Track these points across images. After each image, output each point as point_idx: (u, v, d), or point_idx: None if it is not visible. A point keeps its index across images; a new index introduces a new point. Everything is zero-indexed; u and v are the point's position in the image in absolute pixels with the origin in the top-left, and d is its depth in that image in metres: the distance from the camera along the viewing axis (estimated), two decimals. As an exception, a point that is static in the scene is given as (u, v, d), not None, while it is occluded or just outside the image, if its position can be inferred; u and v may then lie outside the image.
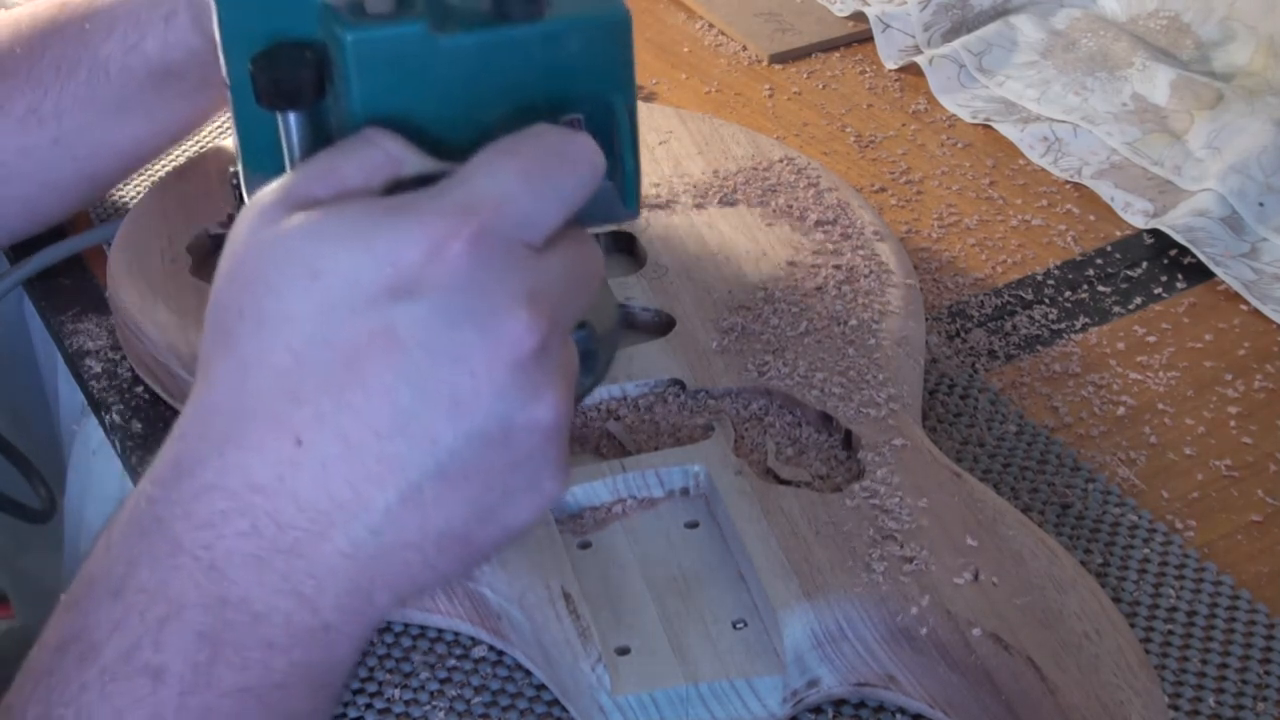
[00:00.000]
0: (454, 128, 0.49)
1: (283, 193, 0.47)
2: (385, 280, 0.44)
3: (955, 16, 0.99)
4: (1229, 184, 0.81)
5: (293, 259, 0.45)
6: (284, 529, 0.45)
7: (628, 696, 0.53)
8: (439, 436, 0.45)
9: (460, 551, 0.47)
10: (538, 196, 0.46)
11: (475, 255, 0.44)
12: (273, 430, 0.45)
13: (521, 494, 0.47)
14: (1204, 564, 0.62)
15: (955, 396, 0.70)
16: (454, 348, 0.44)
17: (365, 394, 0.44)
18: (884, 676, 0.55)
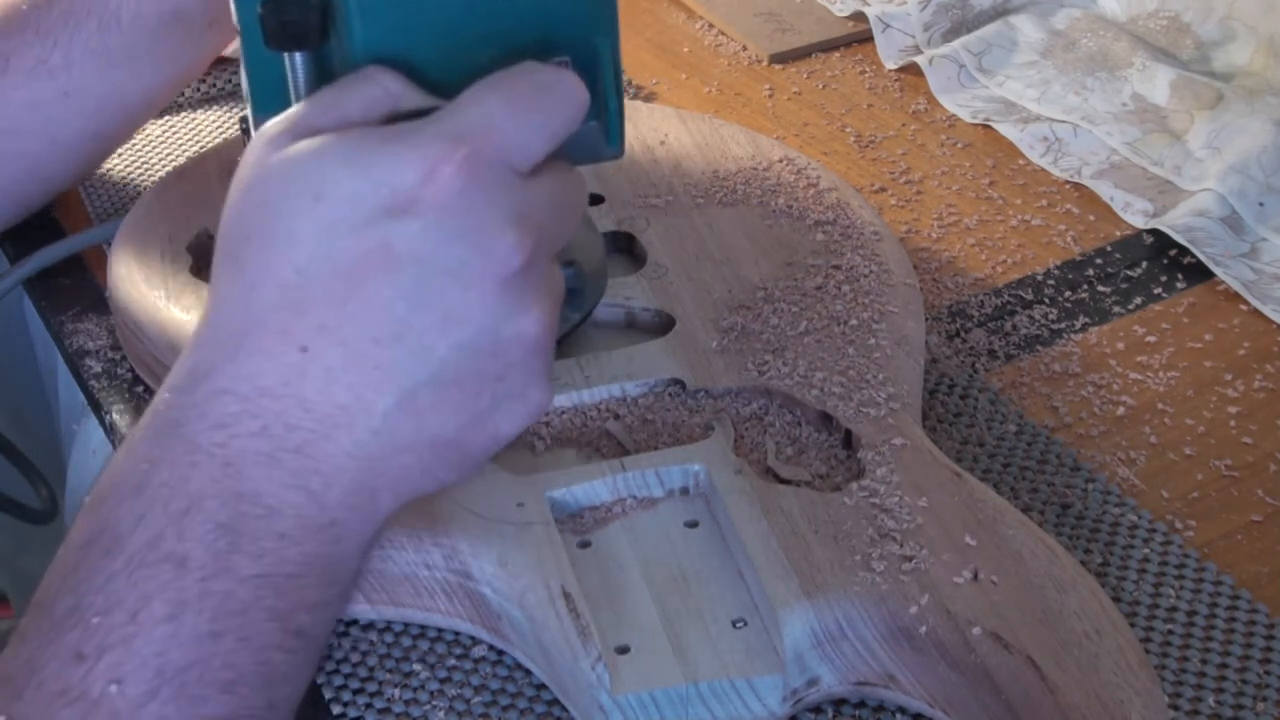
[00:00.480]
0: (447, 68, 0.52)
1: (288, 123, 0.50)
2: (383, 201, 0.48)
3: (955, 16, 0.99)
4: (1229, 184, 0.81)
5: (297, 182, 0.49)
6: (291, 430, 0.48)
7: (627, 696, 0.53)
8: (433, 345, 0.49)
9: (454, 456, 0.51)
10: (524, 126, 0.50)
11: (466, 178, 0.48)
12: (279, 339, 0.48)
13: (509, 402, 0.51)
14: (1204, 564, 0.62)
15: (955, 396, 0.70)
16: (447, 263, 0.48)
17: (365, 305, 0.48)
18: (884, 676, 0.55)
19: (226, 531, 0.48)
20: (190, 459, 0.48)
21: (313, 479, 0.49)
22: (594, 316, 0.70)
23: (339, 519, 0.49)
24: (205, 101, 0.94)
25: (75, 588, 0.47)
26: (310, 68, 0.54)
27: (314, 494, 0.49)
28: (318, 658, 0.51)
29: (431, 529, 0.58)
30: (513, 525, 0.58)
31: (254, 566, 0.48)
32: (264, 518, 0.48)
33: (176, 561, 0.47)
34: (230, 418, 0.48)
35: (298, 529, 0.49)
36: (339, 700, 0.57)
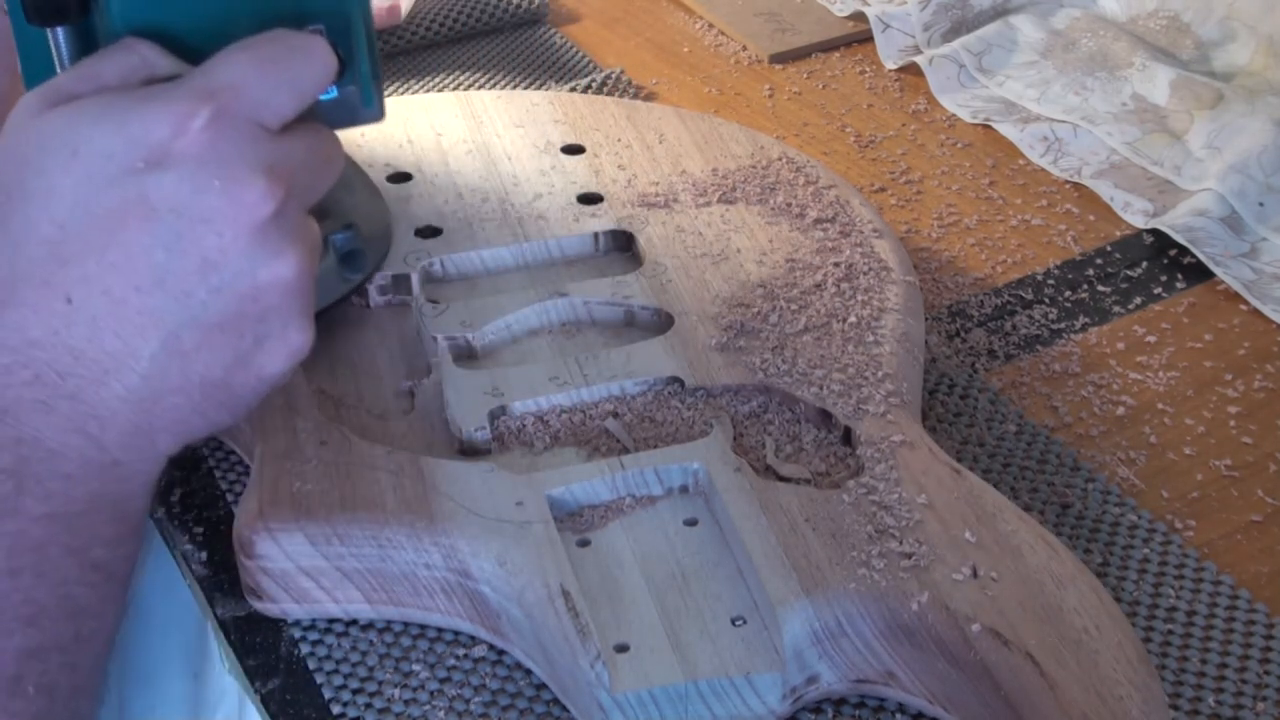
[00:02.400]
0: (205, 38, 0.55)
1: (47, 90, 0.53)
2: (137, 154, 0.51)
3: (955, 16, 0.99)
4: (1229, 184, 0.81)
5: (54, 140, 0.51)
6: (64, 377, 0.52)
7: (627, 694, 0.53)
8: (192, 290, 0.52)
9: (223, 396, 0.54)
10: (272, 85, 0.53)
11: (216, 131, 0.51)
12: (44, 291, 0.51)
13: (271, 343, 0.54)
14: (1204, 564, 0.62)
15: (955, 396, 0.70)
16: (201, 211, 0.51)
17: (125, 254, 0.51)
18: (883, 673, 0.55)
19: (11, 475, 0.50)
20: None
21: (89, 423, 0.52)
22: (593, 315, 0.70)
23: (120, 459, 0.53)
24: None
25: None
26: (73, 42, 0.56)
27: (92, 437, 0.52)
28: (122, 594, 0.55)
29: (430, 528, 0.58)
30: (512, 524, 0.58)
31: (43, 506, 0.51)
32: (46, 460, 0.51)
33: None
34: (2, 369, 0.51)
35: (81, 469, 0.52)
36: (339, 700, 0.57)
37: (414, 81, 0.96)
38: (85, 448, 0.52)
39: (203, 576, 0.63)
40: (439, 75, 0.97)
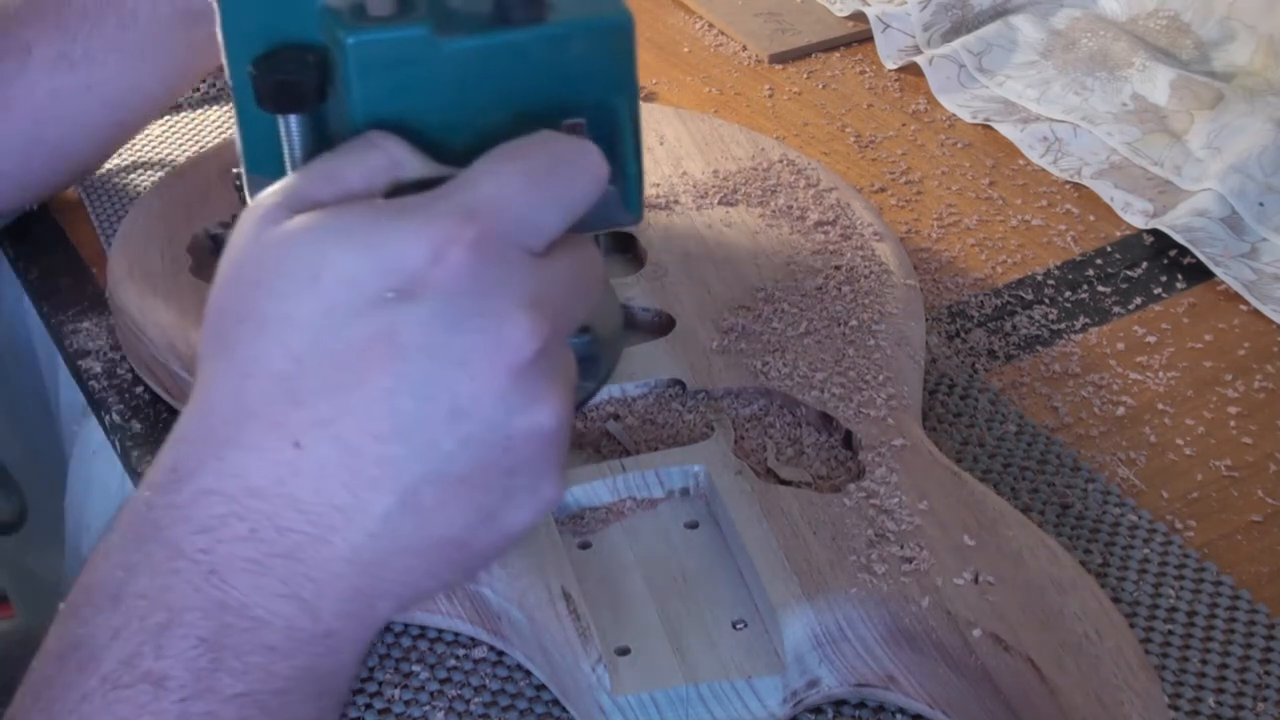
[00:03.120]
0: (455, 132, 0.49)
1: (283, 195, 0.47)
2: (386, 283, 0.44)
3: (955, 16, 0.99)
4: (1229, 184, 0.81)
5: (293, 261, 0.45)
6: (283, 533, 0.44)
7: (628, 697, 0.53)
8: (438, 441, 0.45)
9: (460, 557, 0.47)
10: (540, 202, 0.46)
11: (477, 259, 0.44)
12: (271, 434, 0.44)
13: (520, 498, 0.47)
14: (1204, 564, 0.62)
15: (955, 396, 0.70)
16: (455, 352, 0.44)
17: (365, 397, 0.44)
18: (884, 677, 0.55)
19: (210, 647, 0.44)
20: (171, 565, 0.44)
21: (305, 587, 0.45)
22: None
23: (334, 629, 0.46)
24: (205, 101, 0.94)
25: (47, 707, 0.44)
26: (306, 131, 0.50)
27: (306, 603, 0.45)
28: None
29: (432, 530, 0.58)
30: (513, 526, 0.58)
31: (238, 684, 0.44)
32: (251, 630, 0.44)
33: (154, 681, 0.43)
34: (216, 520, 0.44)
35: (288, 641, 0.45)
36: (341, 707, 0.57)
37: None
38: (296, 616, 0.45)
39: (204, 578, 0.63)
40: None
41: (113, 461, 0.73)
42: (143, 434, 0.70)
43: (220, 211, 0.76)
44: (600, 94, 0.51)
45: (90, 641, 0.44)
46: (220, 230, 0.75)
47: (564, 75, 0.50)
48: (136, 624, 0.44)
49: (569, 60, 0.50)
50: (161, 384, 0.71)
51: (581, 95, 0.51)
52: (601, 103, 0.51)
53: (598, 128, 0.51)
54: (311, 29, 0.50)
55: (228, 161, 0.80)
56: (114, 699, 0.43)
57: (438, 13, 0.49)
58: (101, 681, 0.43)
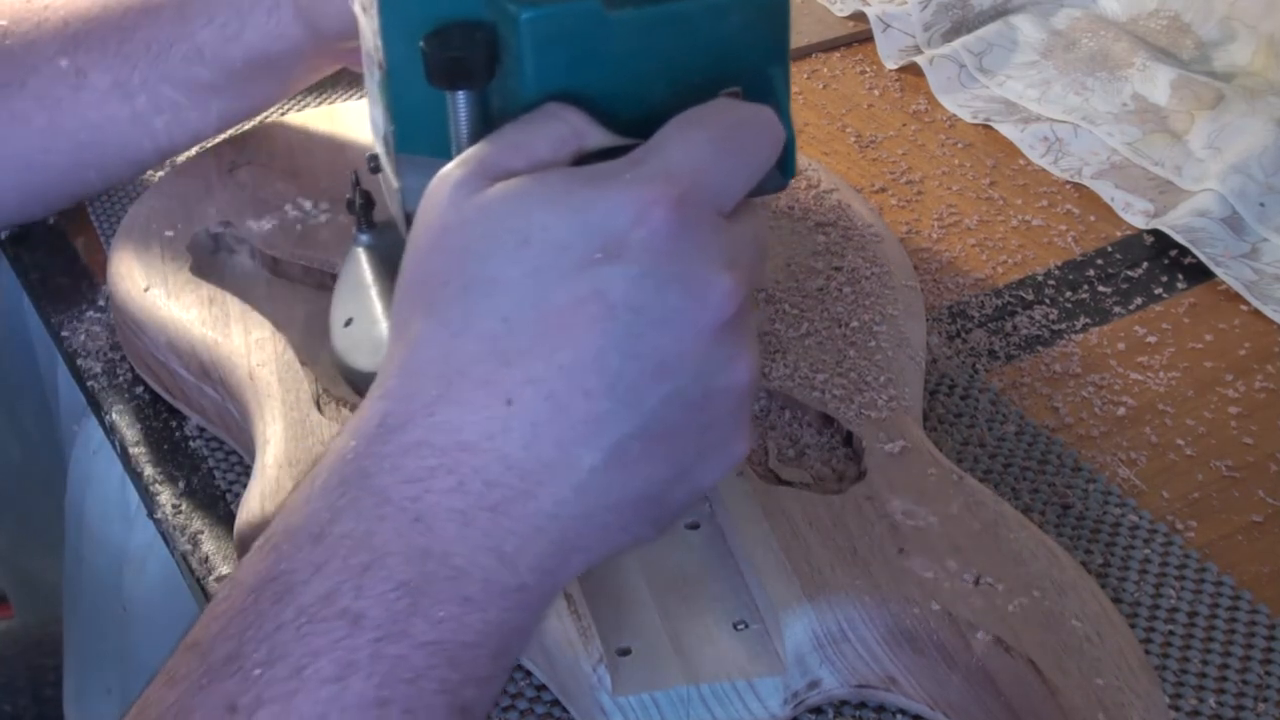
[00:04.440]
0: (620, 103, 0.50)
1: (476, 164, 0.48)
2: (593, 245, 0.46)
3: (955, 16, 0.99)
4: (1230, 184, 0.81)
5: (501, 226, 0.47)
6: (490, 487, 0.46)
7: (629, 697, 0.53)
8: (645, 397, 0.46)
9: (653, 512, 0.49)
10: (730, 167, 0.48)
11: (678, 221, 0.46)
12: (483, 392, 0.46)
13: (712, 454, 0.49)
14: (1205, 564, 0.62)
15: (955, 397, 0.70)
16: (661, 311, 0.46)
17: (575, 356, 0.46)
18: (885, 678, 0.55)
19: (408, 591, 0.45)
20: (378, 512, 0.45)
21: (507, 540, 0.46)
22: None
23: (527, 584, 0.47)
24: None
25: (238, 634, 0.44)
26: (474, 107, 0.51)
27: (506, 556, 0.46)
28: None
29: (432, 530, 0.58)
30: (513, 526, 0.58)
31: (431, 632, 0.45)
32: (450, 580, 0.45)
33: (351, 618, 0.44)
34: (425, 471, 0.46)
35: (484, 594, 0.46)
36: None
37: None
38: (495, 569, 0.46)
39: (203, 576, 0.63)
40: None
41: (113, 461, 0.73)
42: (143, 434, 0.70)
43: (220, 211, 0.76)
44: (757, 62, 0.52)
45: (289, 576, 0.45)
46: (221, 229, 0.75)
47: (724, 45, 0.51)
48: (339, 562, 0.45)
49: (729, 30, 0.51)
50: (161, 383, 0.71)
51: (740, 64, 0.52)
52: (758, 71, 0.52)
53: (754, 95, 0.52)
54: (475, 6, 0.50)
55: (228, 160, 0.80)
56: (308, 631, 0.44)
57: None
58: (298, 613, 0.44)
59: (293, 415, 0.63)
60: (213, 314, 0.69)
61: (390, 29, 0.53)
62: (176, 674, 0.45)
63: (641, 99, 0.50)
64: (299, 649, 0.44)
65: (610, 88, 0.50)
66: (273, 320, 0.68)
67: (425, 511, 0.45)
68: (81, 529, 0.84)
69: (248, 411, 0.64)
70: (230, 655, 0.44)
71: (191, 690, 0.44)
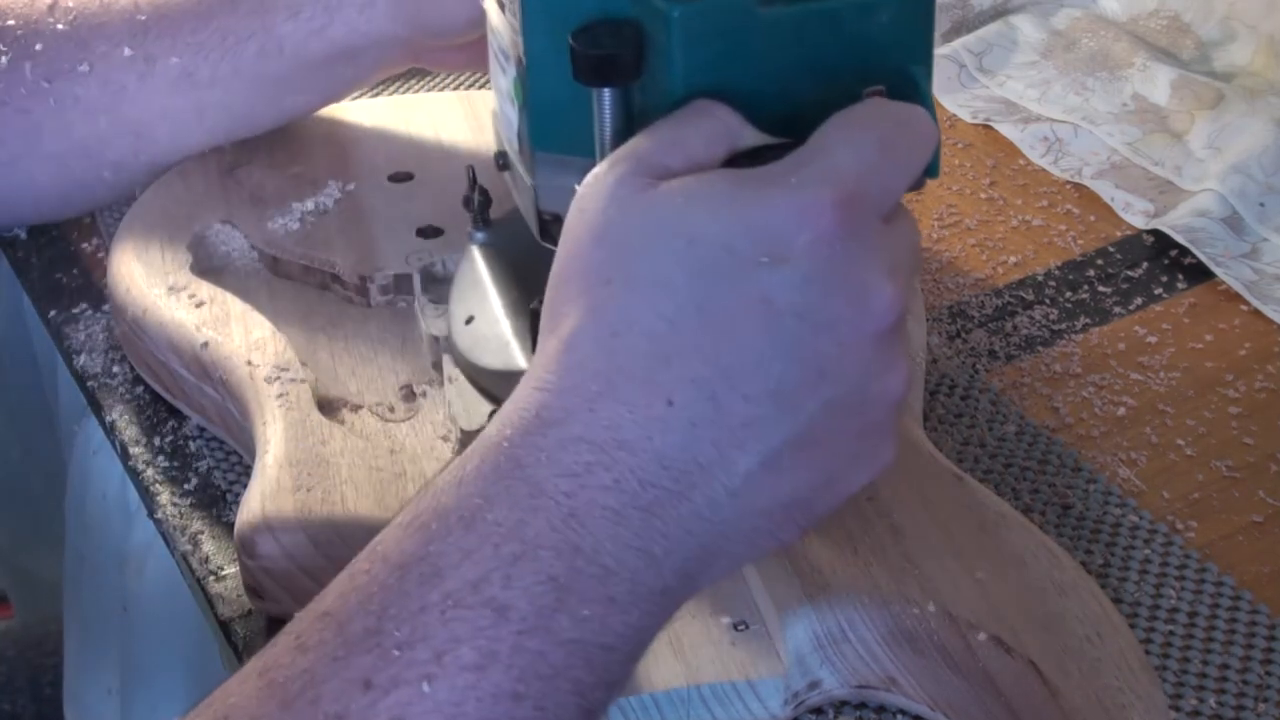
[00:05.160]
0: (768, 99, 0.50)
1: (636, 161, 0.48)
2: (759, 249, 0.45)
3: (955, 16, 0.99)
4: (1230, 184, 0.81)
5: (666, 226, 0.46)
6: (645, 486, 0.45)
7: (629, 698, 0.53)
8: (804, 403, 0.46)
9: (800, 517, 0.48)
10: (891, 169, 0.48)
11: (842, 226, 0.46)
12: (644, 390, 0.46)
13: (861, 461, 0.49)
14: (1205, 565, 0.62)
15: (956, 397, 0.70)
16: (825, 316, 0.46)
17: (738, 359, 0.45)
18: (885, 678, 0.55)
19: (556, 587, 0.44)
20: (532, 503, 0.45)
21: (656, 542, 0.45)
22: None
23: (671, 587, 0.46)
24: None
25: (379, 610, 0.44)
26: (619, 104, 0.51)
27: (654, 559, 0.45)
28: None
29: (432, 530, 0.58)
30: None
31: (574, 630, 0.44)
32: (598, 578, 0.45)
33: (498, 608, 0.44)
34: (582, 467, 0.45)
35: (629, 595, 0.45)
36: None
37: (415, 81, 0.96)
38: (642, 570, 0.45)
39: (203, 576, 0.63)
40: (440, 75, 0.97)
41: (113, 461, 0.73)
42: (143, 434, 0.70)
43: (220, 211, 0.76)
44: (901, 61, 0.52)
45: (438, 558, 0.45)
46: (221, 229, 0.75)
47: (869, 42, 0.51)
48: (490, 550, 0.44)
49: (875, 28, 0.51)
50: (161, 383, 0.71)
51: (884, 62, 0.51)
52: (901, 70, 0.52)
53: (897, 94, 0.51)
54: (619, 3, 0.50)
55: (228, 160, 0.79)
56: (453, 616, 0.43)
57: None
58: (444, 597, 0.44)
59: (293, 415, 0.63)
60: (213, 314, 0.69)
61: (533, 24, 0.53)
62: (308, 641, 0.44)
63: (788, 96, 0.50)
64: (442, 633, 0.43)
65: (758, 85, 0.50)
66: (273, 320, 0.68)
67: (579, 508, 0.45)
68: (81, 529, 0.84)
69: (248, 411, 0.64)
70: (370, 630, 0.44)
71: (324, 660, 0.44)
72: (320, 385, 0.66)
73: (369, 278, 0.71)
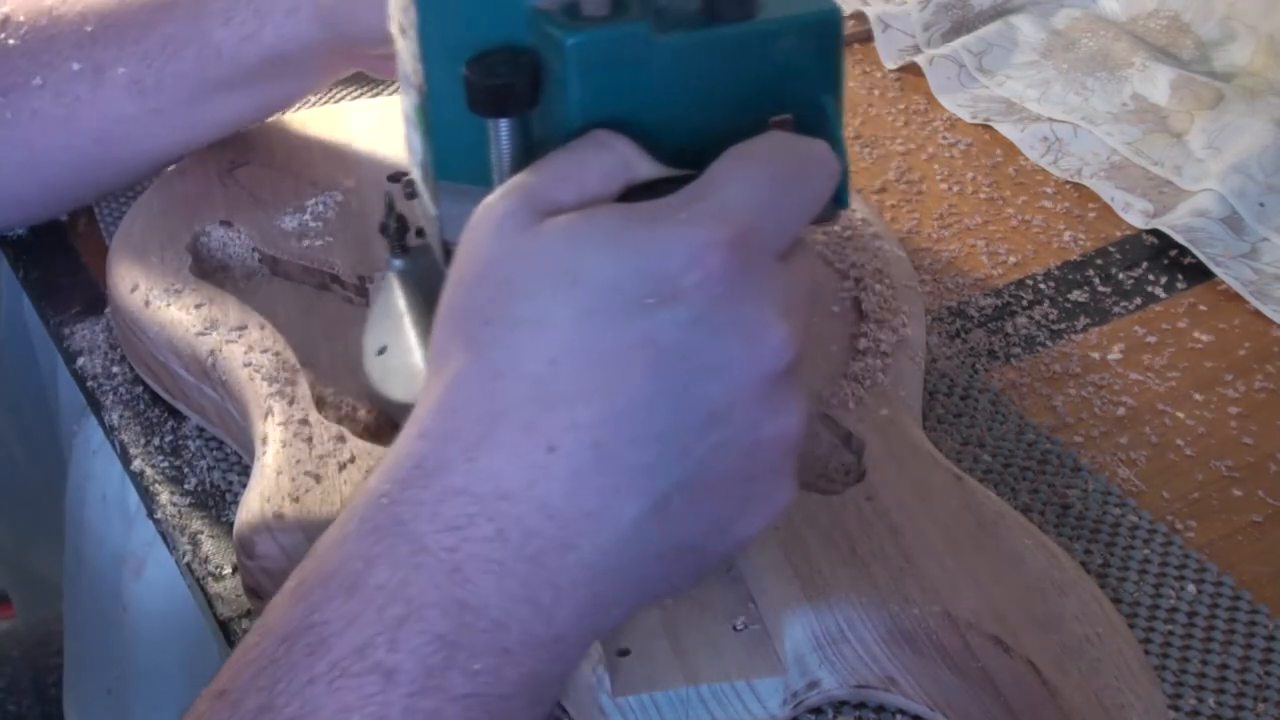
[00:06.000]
0: (668, 130, 0.49)
1: (524, 195, 0.47)
2: (646, 288, 0.44)
3: (955, 16, 0.99)
4: (1229, 184, 0.81)
5: (550, 264, 0.45)
6: (529, 537, 0.44)
7: (628, 698, 0.53)
8: (691, 447, 0.45)
9: (694, 562, 0.48)
10: (786, 205, 0.46)
11: (734, 264, 0.44)
12: (525, 437, 0.44)
13: (756, 505, 0.48)
14: (1204, 565, 0.62)
15: (955, 397, 0.70)
16: (714, 358, 0.44)
17: (622, 403, 0.44)
18: (884, 678, 0.55)
19: (444, 645, 0.43)
20: (414, 560, 0.44)
21: (544, 592, 0.44)
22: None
23: (564, 635, 0.45)
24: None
25: (269, 685, 0.43)
26: (516, 134, 0.50)
27: (542, 608, 0.44)
28: None
29: (432, 530, 0.58)
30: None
31: (467, 685, 0.43)
32: (487, 632, 0.44)
33: (385, 673, 0.43)
34: (464, 520, 0.44)
35: (520, 646, 0.44)
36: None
37: (414, 80, 0.96)
38: (531, 621, 0.44)
39: (202, 576, 0.63)
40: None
41: (112, 461, 0.73)
42: (143, 434, 0.70)
43: (220, 211, 0.76)
44: (808, 90, 0.51)
45: (323, 627, 0.44)
46: (220, 229, 0.75)
47: (774, 71, 0.50)
48: (374, 614, 0.44)
49: (779, 56, 0.50)
50: (161, 383, 0.71)
51: (790, 91, 0.50)
52: (809, 99, 0.51)
53: (805, 124, 0.50)
54: (518, 31, 0.49)
55: (228, 160, 0.80)
56: (341, 686, 0.43)
57: (649, 12, 0.49)
58: (330, 667, 0.43)
59: (292, 415, 0.63)
60: (213, 314, 0.69)
61: (431, 53, 0.51)
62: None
63: (690, 127, 0.49)
64: (331, 704, 0.42)
65: (658, 115, 0.49)
66: (273, 320, 0.68)
67: (463, 562, 0.44)
68: (81, 529, 0.84)
69: (247, 412, 0.64)
70: (262, 707, 0.43)
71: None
72: (319, 385, 0.66)
73: (369, 278, 0.71)
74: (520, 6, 0.49)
